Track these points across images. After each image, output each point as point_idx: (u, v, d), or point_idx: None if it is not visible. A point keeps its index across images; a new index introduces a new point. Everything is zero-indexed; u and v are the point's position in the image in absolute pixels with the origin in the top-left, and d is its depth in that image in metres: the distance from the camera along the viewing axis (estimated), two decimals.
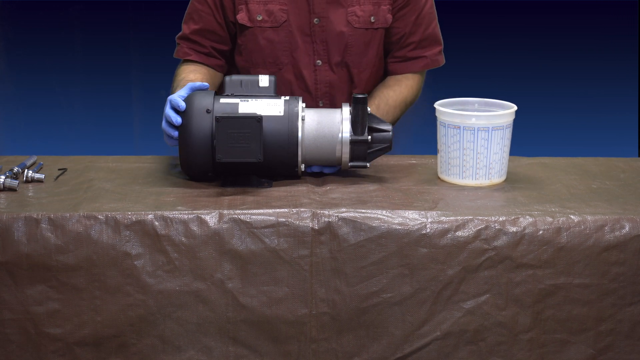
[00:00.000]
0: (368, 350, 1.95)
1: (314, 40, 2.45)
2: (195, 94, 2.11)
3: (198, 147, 2.07)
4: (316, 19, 2.44)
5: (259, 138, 2.02)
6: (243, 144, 2.02)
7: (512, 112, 2.15)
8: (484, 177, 2.14)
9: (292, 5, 2.43)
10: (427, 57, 2.53)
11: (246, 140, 2.02)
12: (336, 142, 2.10)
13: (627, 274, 1.94)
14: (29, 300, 1.92)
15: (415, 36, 2.50)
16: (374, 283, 1.93)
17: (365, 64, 2.49)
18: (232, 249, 1.93)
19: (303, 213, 1.94)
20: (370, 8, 2.45)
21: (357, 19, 2.45)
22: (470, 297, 1.94)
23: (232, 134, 2.02)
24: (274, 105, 2.09)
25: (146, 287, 1.92)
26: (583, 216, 1.95)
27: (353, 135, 2.10)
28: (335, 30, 2.44)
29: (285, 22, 2.43)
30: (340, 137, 2.10)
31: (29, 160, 2.25)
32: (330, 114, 2.12)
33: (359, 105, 2.09)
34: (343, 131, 2.10)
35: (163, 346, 1.94)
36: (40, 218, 1.91)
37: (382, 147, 2.13)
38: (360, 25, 2.45)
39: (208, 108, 2.07)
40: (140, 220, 1.92)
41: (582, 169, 2.30)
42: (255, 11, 2.43)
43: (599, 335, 1.96)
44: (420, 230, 1.93)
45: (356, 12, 2.45)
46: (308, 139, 2.10)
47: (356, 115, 2.09)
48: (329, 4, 2.44)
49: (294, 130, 2.08)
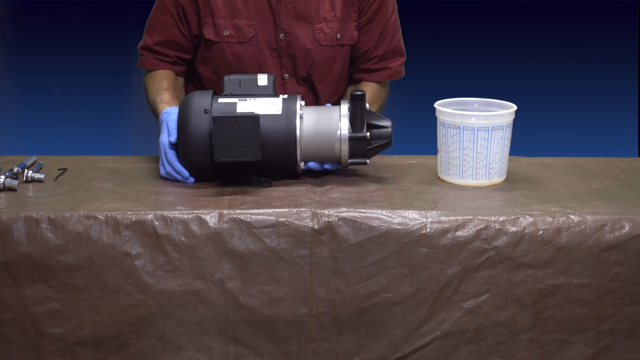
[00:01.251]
0: (368, 350, 1.95)
1: (280, 55, 2.44)
2: (194, 94, 2.11)
3: (197, 148, 2.07)
4: (282, 34, 2.42)
5: (257, 137, 2.02)
6: (241, 143, 2.02)
7: (512, 112, 2.15)
8: (484, 177, 2.14)
9: (258, 19, 2.41)
10: (390, 69, 2.53)
11: (244, 140, 2.02)
12: (335, 139, 2.10)
13: (627, 274, 1.94)
14: (29, 300, 1.92)
15: (379, 50, 2.50)
16: (374, 283, 1.93)
17: (330, 79, 2.50)
18: (232, 249, 1.93)
19: (303, 213, 1.94)
20: (337, 25, 2.44)
21: (324, 36, 2.44)
22: (470, 297, 1.94)
23: (230, 133, 2.02)
24: (272, 104, 2.09)
25: (146, 287, 1.92)
26: (583, 216, 1.95)
27: (352, 132, 2.10)
28: (301, 47, 2.43)
29: (253, 37, 2.41)
30: (339, 135, 2.10)
31: (29, 160, 2.25)
32: (329, 111, 2.12)
33: (357, 102, 2.08)
34: (342, 128, 2.10)
35: (163, 346, 1.94)
36: (40, 218, 1.91)
37: (381, 143, 2.12)
38: (327, 42, 2.44)
39: (206, 108, 2.07)
40: (140, 220, 1.92)
41: (582, 169, 2.30)
42: (221, 26, 2.41)
43: (599, 335, 1.96)
44: (420, 230, 1.93)
45: (323, 29, 2.44)
46: (306, 137, 2.10)
47: (354, 112, 2.09)
48: (295, 20, 2.42)
49: (292, 128, 2.08)
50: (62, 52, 4.25)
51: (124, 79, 4.27)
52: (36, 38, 4.24)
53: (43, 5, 4.23)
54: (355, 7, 2.45)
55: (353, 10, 2.45)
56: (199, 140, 2.07)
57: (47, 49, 4.24)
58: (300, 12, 2.42)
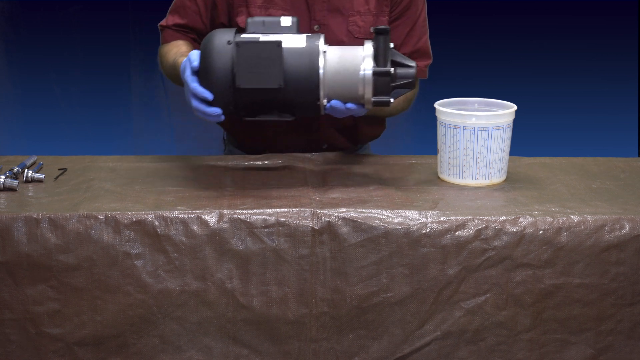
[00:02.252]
0: (368, 350, 1.95)
1: None
2: (217, 30, 2.07)
3: (219, 79, 2.02)
4: (316, 25, 2.43)
5: (280, 63, 1.98)
6: (263, 70, 1.99)
7: (512, 112, 2.15)
8: (484, 177, 2.14)
9: (293, 11, 2.42)
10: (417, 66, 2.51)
11: (267, 66, 1.98)
12: (358, 74, 2.03)
13: (627, 274, 1.94)
14: (29, 300, 1.92)
15: (406, 48, 2.49)
16: (374, 283, 1.93)
17: None
18: (232, 249, 1.93)
19: (303, 213, 1.94)
20: (371, 19, 2.44)
21: (359, 29, 2.44)
22: (470, 297, 1.94)
23: (253, 59, 1.98)
24: (295, 38, 2.05)
25: (146, 287, 1.92)
26: (583, 216, 1.95)
27: (375, 67, 2.03)
28: (335, 39, 2.43)
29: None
30: (363, 69, 2.02)
31: (29, 160, 2.25)
32: (353, 49, 2.06)
33: (380, 36, 2.02)
34: (366, 64, 2.02)
35: (163, 346, 1.94)
36: (40, 218, 1.91)
37: (405, 82, 2.04)
38: (360, 35, 2.44)
39: (229, 40, 2.03)
40: (140, 220, 1.92)
41: (582, 169, 2.30)
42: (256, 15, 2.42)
43: (599, 335, 1.96)
44: (420, 230, 1.93)
45: (357, 22, 2.44)
46: (329, 72, 2.03)
47: (378, 47, 2.02)
48: (330, 12, 2.42)
49: (315, 62, 2.02)
50: (62, 52, 4.25)
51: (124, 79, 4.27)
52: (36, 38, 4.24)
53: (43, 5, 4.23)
54: (388, 1, 2.45)
55: (385, 5, 2.45)
56: (222, 70, 2.02)
57: (47, 49, 4.24)
58: (335, 5, 2.42)
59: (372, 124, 2.57)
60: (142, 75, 4.29)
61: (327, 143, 2.53)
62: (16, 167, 2.16)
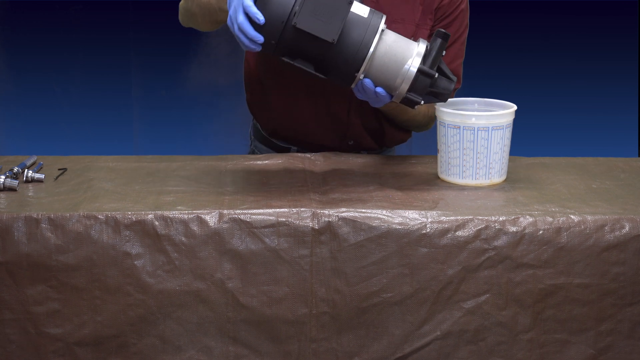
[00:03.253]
0: (368, 350, 1.95)
1: None
2: None
3: (276, 8, 1.97)
4: None
5: (343, 19, 1.95)
6: (325, 18, 1.95)
7: (512, 112, 2.15)
8: (484, 177, 2.14)
9: None
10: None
11: (330, 17, 1.95)
12: (403, 67, 2.02)
13: (627, 274, 1.94)
14: (29, 300, 1.92)
15: None
16: (374, 283, 1.93)
17: None
18: (232, 249, 1.93)
19: (303, 213, 1.94)
20: (413, 28, 2.42)
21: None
22: (470, 297, 1.94)
23: (320, 5, 1.95)
24: (360, 7, 2.03)
25: (146, 287, 1.92)
26: (583, 216, 1.95)
27: (422, 66, 2.02)
28: None
29: None
30: (410, 62, 2.01)
31: (29, 160, 2.25)
32: (408, 41, 2.05)
33: (439, 39, 2.01)
34: (414, 58, 2.01)
35: (163, 346, 1.94)
36: (40, 218, 1.91)
37: (441, 92, 2.04)
38: None
39: None
40: (140, 220, 1.92)
41: (582, 169, 2.30)
42: None
43: (599, 336, 1.96)
44: (420, 230, 1.93)
45: (398, 30, 2.42)
46: (379, 52, 2.02)
47: (432, 48, 2.02)
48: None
49: (370, 36, 2.00)
50: (62, 52, 4.25)
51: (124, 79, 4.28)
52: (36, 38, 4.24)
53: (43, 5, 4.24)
54: (432, 15, 2.44)
55: (430, 19, 2.43)
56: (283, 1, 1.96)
57: (47, 49, 4.25)
58: (381, 7, 2.40)
59: (400, 128, 2.56)
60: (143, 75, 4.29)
61: (354, 140, 2.52)
62: (16, 167, 2.16)
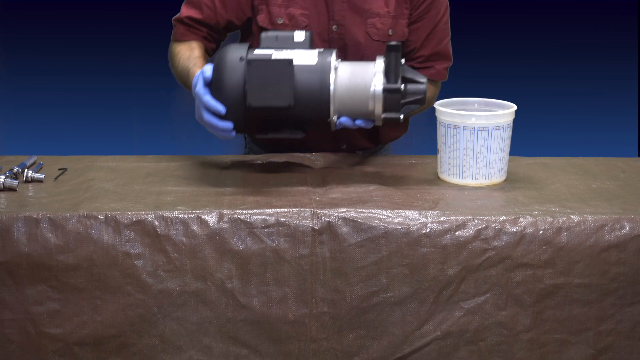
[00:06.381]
0: (368, 350, 1.95)
1: (331, 46, 2.43)
2: (230, 45, 2.08)
3: (231, 95, 2.02)
4: (335, 26, 2.42)
5: (291, 81, 1.98)
6: (274, 88, 1.98)
7: (512, 112, 2.15)
8: (484, 177, 2.14)
9: (312, 9, 2.41)
10: (434, 68, 2.51)
11: (277, 85, 1.98)
12: (369, 91, 2.04)
13: (627, 274, 1.94)
14: (29, 300, 1.92)
15: (425, 50, 2.49)
16: (374, 283, 1.93)
17: None
18: (232, 249, 1.93)
19: (303, 213, 1.94)
20: (390, 21, 2.43)
21: (377, 31, 2.43)
22: (470, 297, 1.94)
23: (264, 77, 1.98)
24: (307, 54, 2.06)
25: (146, 287, 1.92)
26: (583, 216, 1.95)
27: (386, 84, 2.03)
28: (353, 39, 2.42)
29: (306, 27, 2.40)
30: (373, 87, 2.03)
31: (29, 160, 2.25)
32: (365, 65, 2.07)
33: (392, 53, 2.03)
34: (376, 82, 2.03)
35: (163, 346, 1.94)
36: (40, 218, 1.91)
37: (415, 98, 2.05)
38: (378, 37, 2.44)
39: (242, 56, 2.03)
40: (140, 220, 1.92)
41: (582, 169, 2.30)
42: (276, 14, 2.40)
43: (599, 336, 1.96)
44: (420, 230, 1.93)
45: (376, 25, 2.44)
46: (340, 88, 2.04)
47: (389, 63, 2.03)
48: (349, 12, 2.41)
49: (326, 79, 2.03)
50: (62, 52, 4.25)
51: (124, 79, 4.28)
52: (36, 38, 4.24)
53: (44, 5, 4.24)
54: (408, 4, 2.44)
55: (405, 8, 2.44)
56: (234, 87, 2.02)
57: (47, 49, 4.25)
58: (354, 6, 2.41)
59: (394, 125, 2.57)
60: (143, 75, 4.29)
61: (347, 143, 2.53)
62: (16, 167, 2.16)
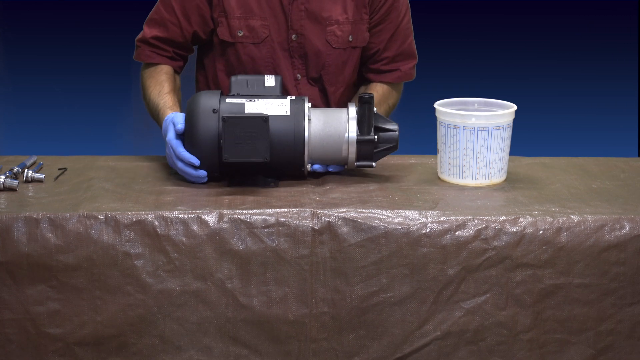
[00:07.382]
0: (368, 350, 1.95)
1: (292, 55, 2.44)
2: (201, 94, 2.11)
3: (205, 147, 2.07)
4: (294, 35, 2.42)
5: (266, 138, 2.02)
6: (250, 143, 2.02)
7: (512, 112, 2.15)
8: (484, 177, 2.14)
9: (271, 20, 2.41)
10: (400, 70, 2.51)
11: (253, 140, 2.02)
12: (342, 141, 2.11)
13: (627, 274, 1.94)
14: (29, 300, 1.92)
15: (389, 52, 2.49)
16: (374, 283, 1.93)
17: (341, 82, 2.49)
18: (232, 249, 1.93)
19: (303, 213, 1.94)
20: (349, 28, 2.44)
21: (336, 38, 2.43)
22: (470, 297, 1.94)
23: (239, 133, 2.02)
24: (280, 105, 2.10)
25: (146, 287, 1.92)
26: (583, 216, 1.95)
27: (359, 135, 2.10)
28: (313, 48, 2.43)
29: (267, 38, 2.41)
30: (347, 137, 2.10)
31: (29, 160, 2.25)
32: (337, 114, 2.13)
33: (365, 105, 2.09)
34: (349, 131, 2.10)
35: (163, 346, 1.94)
36: (40, 218, 1.91)
37: (388, 146, 2.13)
38: (338, 45, 2.44)
39: (214, 108, 2.07)
40: (140, 220, 1.92)
41: (582, 169, 2.30)
42: (236, 27, 2.40)
43: (599, 335, 1.96)
44: (420, 230, 1.93)
45: (335, 32, 2.44)
46: (314, 139, 2.10)
47: (362, 114, 2.10)
48: (307, 21, 2.41)
49: (300, 130, 2.08)
50: (61, 52, 4.25)
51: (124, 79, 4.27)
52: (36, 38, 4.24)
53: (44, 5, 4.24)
54: (367, 9, 2.44)
55: (365, 13, 2.44)
56: (208, 139, 2.07)
57: (47, 49, 4.25)
58: (312, 14, 2.41)
59: None
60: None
61: None
62: (16, 167, 2.16)
